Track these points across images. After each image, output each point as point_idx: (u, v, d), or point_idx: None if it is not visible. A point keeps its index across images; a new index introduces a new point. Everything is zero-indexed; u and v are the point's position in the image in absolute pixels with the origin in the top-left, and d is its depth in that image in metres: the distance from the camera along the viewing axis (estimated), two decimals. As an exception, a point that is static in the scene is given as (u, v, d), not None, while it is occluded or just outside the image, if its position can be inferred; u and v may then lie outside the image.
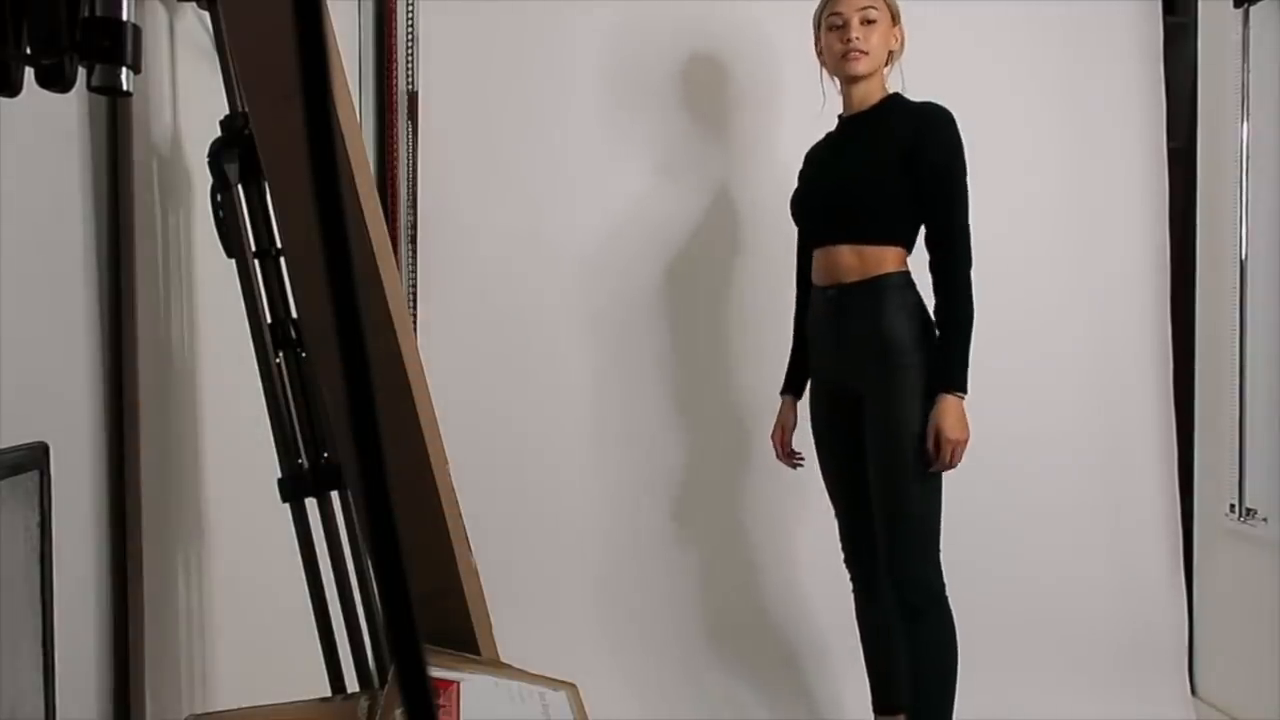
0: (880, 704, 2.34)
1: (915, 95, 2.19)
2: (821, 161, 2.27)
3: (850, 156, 2.18)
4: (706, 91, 2.79)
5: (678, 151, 2.80)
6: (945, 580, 2.12)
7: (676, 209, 2.79)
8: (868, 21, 2.11)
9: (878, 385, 2.09)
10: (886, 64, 2.18)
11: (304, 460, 1.48)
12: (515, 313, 2.77)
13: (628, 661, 2.73)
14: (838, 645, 2.64)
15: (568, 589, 2.76)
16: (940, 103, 2.12)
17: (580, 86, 2.78)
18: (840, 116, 2.24)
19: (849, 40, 2.10)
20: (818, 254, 2.21)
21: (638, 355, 2.80)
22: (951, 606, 2.13)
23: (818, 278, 2.21)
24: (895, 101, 2.17)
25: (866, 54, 2.11)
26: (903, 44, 2.19)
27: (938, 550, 2.11)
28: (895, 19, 2.16)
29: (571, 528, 2.78)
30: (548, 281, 2.77)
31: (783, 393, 2.40)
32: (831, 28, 2.14)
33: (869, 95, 2.16)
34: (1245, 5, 2.61)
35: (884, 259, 2.11)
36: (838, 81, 2.21)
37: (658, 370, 2.80)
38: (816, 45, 2.22)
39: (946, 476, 2.14)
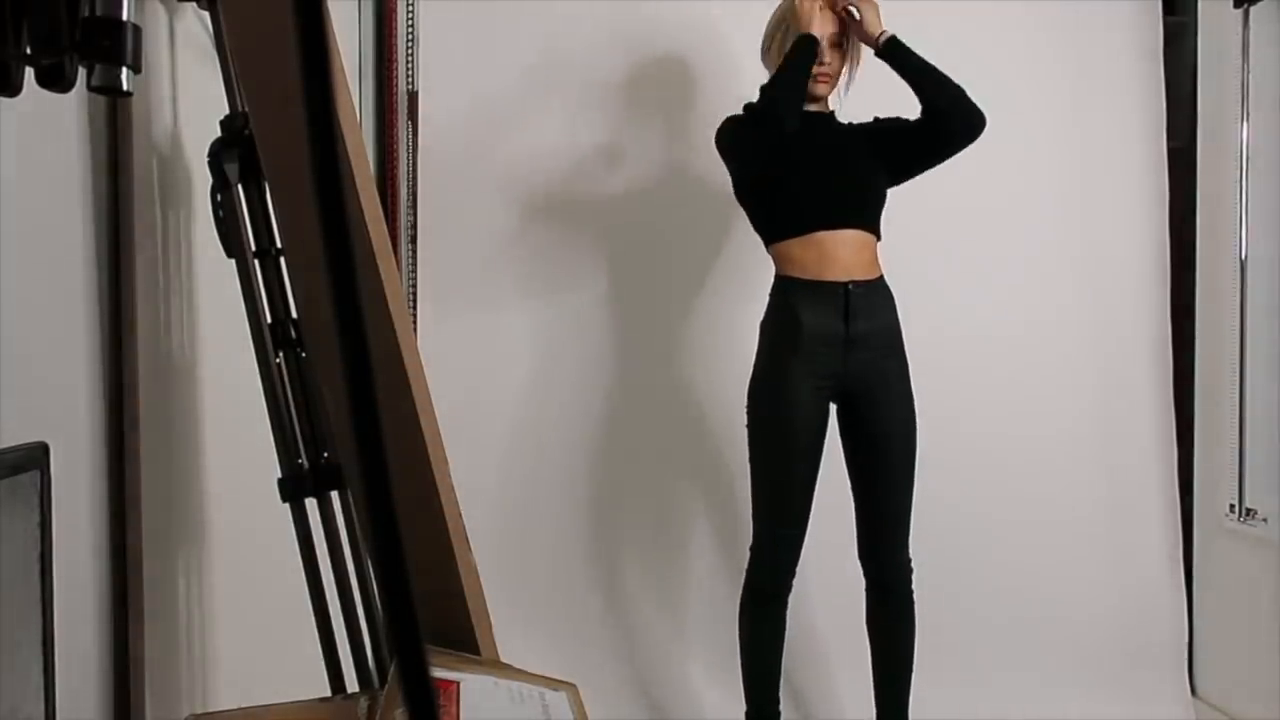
0: None
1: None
2: (807, 150, 2.19)
3: (846, 150, 2.23)
4: (709, 90, 2.79)
5: (679, 150, 2.79)
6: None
7: (678, 208, 2.79)
8: (834, 45, 2.20)
9: (891, 378, 2.17)
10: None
11: (304, 460, 1.48)
12: (514, 312, 2.76)
13: (628, 661, 2.73)
14: (838, 645, 2.64)
15: (568, 589, 2.76)
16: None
17: (580, 86, 2.78)
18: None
19: (820, 62, 2.18)
20: (816, 241, 2.16)
21: (638, 355, 2.80)
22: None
23: (817, 270, 2.15)
24: (839, 122, 2.29)
25: (832, 78, 2.22)
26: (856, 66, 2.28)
27: None
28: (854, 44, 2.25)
29: (572, 528, 2.78)
30: (547, 281, 2.77)
31: None
32: None
33: (820, 103, 2.26)
34: (1245, 5, 2.61)
35: (878, 254, 2.21)
36: None
37: (658, 369, 2.80)
38: (773, 52, 2.23)
39: (947, 476, 2.17)
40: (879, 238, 2.22)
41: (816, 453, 2.18)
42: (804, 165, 2.20)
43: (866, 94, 2.29)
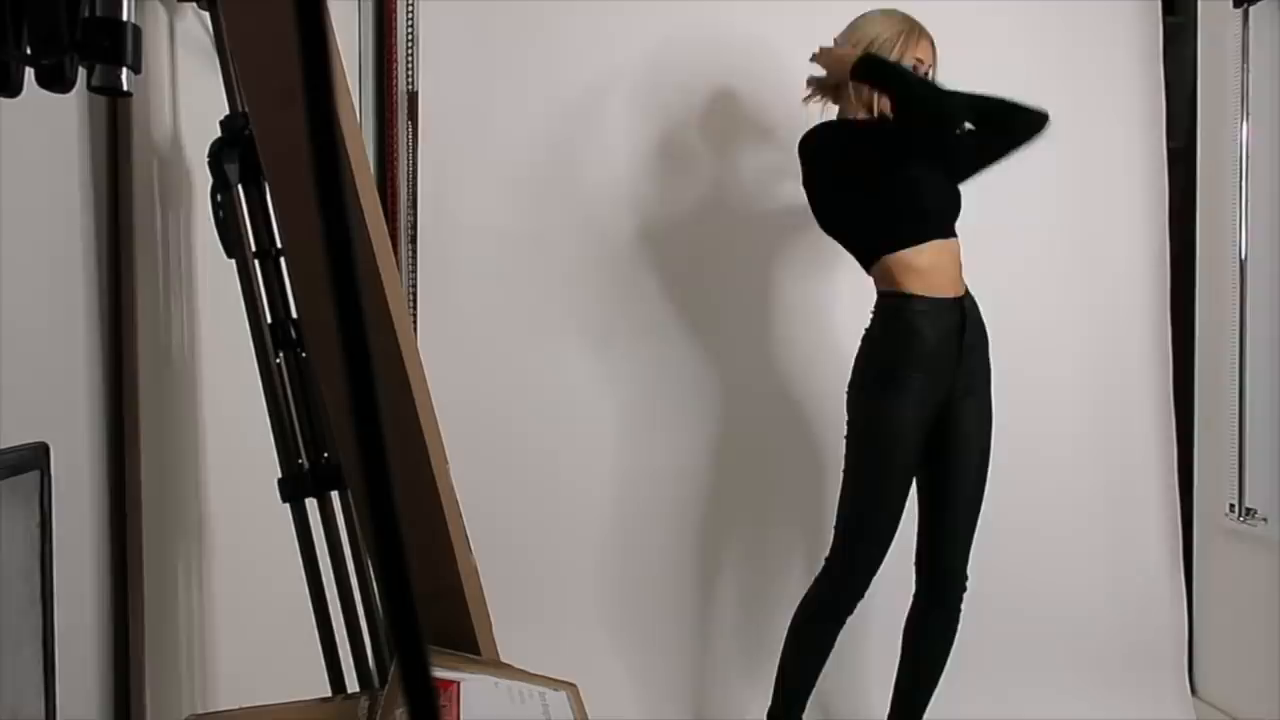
0: None
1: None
2: (904, 162, 2.17)
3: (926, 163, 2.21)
4: (705, 90, 2.79)
5: (678, 150, 2.79)
6: None
7: (676, 208, 2.79)
8: (931, 65, 2.22)
9: (981, 386, 2.22)
10: None
11: (304, 460, 1.48)
12: (515, 313, 2.76)
13: (628, 661, 2.73)
14: (838, 645, 2.64)
15: (568, 589, 2.76)
16: None
17: (580, 86, 2.77)
18: (861, 119, 2.21)
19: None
20: (931, 250, 2.13)
21: (638, 354, 2.80)
22: None
23: (931, 283, 2.12)
24: None
25: None
26: None
27: None
28: None
29: (571, 528, 2.78)
30: (547, 281, 2.77)
31: None
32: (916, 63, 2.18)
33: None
34: (1245, 5, 2.61)
35: None
36: (873, 104, 2.18)
37: (658, 369, 2.80)
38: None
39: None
40: None
41: (914, 471, 2.17)
42: (911, 169, 2.15)
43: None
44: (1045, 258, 2.84)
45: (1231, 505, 2.67)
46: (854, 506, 2.15)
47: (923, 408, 2.11)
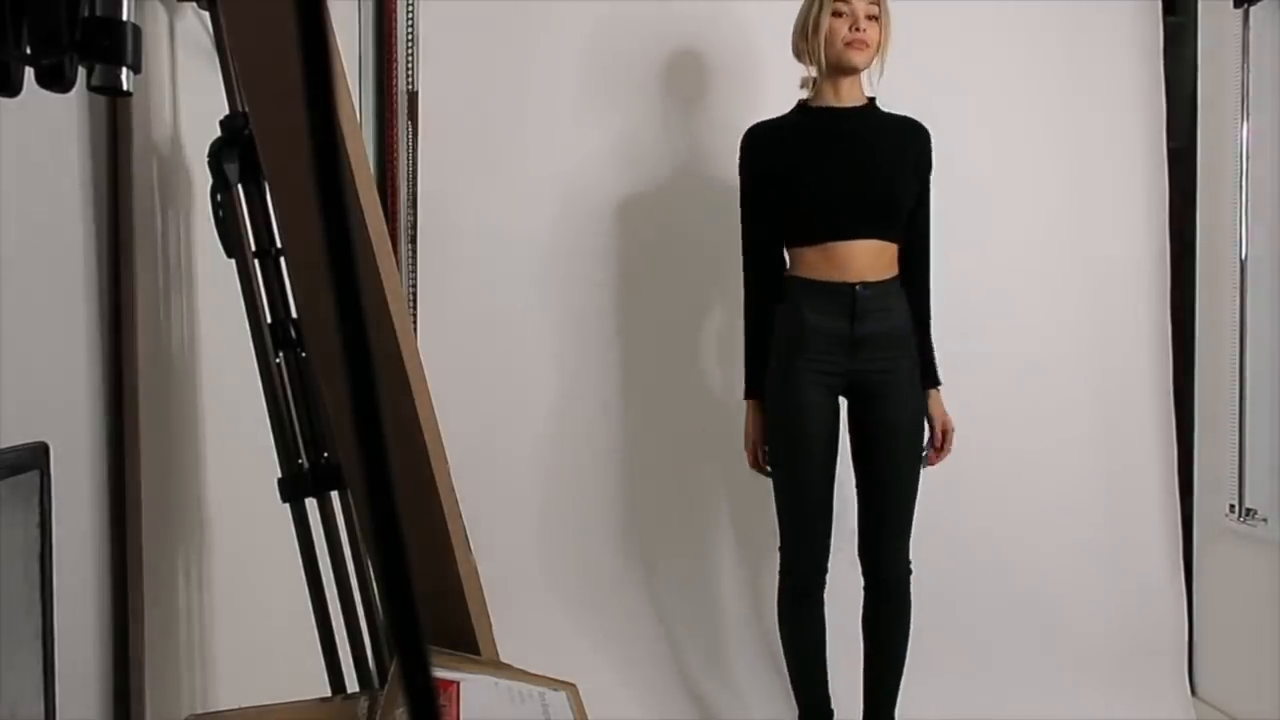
0: None
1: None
2: (826, 152, 2.19)
3: (872, 151, 2.20)
4: (711, 87, 2.79)
5: (681, 148, 2.79)
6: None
7: (677, 208, 2.79)
8: (870, 16, 2.14)
9: (899, 376, 2.18)
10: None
11: (304, 460, 1.48)
12: (515, 313, 2.77)
13: (628, 661, 2.73)
14: (836, 644, 2.64)
15: (568, 589, 2.76)
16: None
17: (580, 86, 2.78)
18: (819, 107, 2.22)
19: (856, 29, 2.12)
20: (827, 249, 2.17)
21: (638, 355, 2.80)
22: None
23: (826, 272, 2.16)
24: (881, 111, 2.24)
25: (869, 47, 2.14)
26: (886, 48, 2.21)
27: None
28: (888, 23, 2.18)
29: (572, 527, 2.78)
30: (547, 281, 2.77)
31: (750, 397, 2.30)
32: (837, 14, 2.13)
33: (855, 92, 2.21)
34: (1245, 5, 2.61)
35: (896, 256, 2.22)
36: (820, 69, 2.18)
37: (658, 369, 2.80)
38: (808, 28, 2.16)
39: (948, 477, 2.18)
40: (901, 241, 2.22)
41: (831, 449, 2.21)
42: (823, 170, 2.17)
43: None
44: (1045, 257, 2.84)
45: (1231, 505, 2.67)
46: (779, 490, 2.25)
47: (820, 389, 2.16)
